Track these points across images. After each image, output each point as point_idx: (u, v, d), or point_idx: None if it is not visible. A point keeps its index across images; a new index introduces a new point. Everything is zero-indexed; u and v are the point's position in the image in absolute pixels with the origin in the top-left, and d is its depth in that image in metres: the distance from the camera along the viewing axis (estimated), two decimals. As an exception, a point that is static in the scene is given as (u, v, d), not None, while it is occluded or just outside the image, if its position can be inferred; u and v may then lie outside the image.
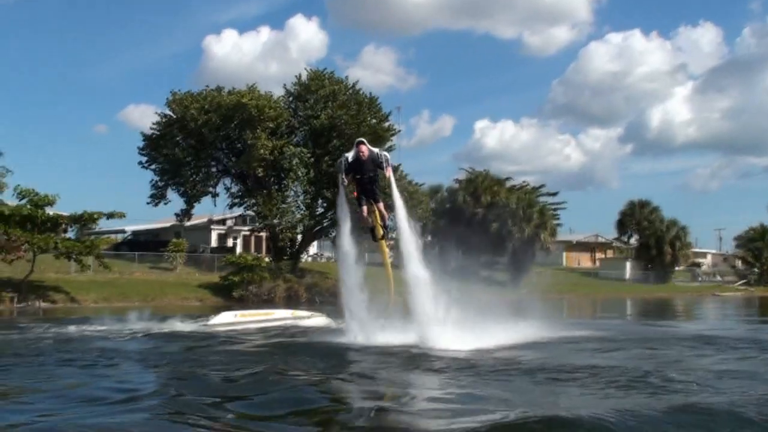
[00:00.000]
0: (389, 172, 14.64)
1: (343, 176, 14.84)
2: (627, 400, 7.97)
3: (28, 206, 35.10)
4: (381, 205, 14.91)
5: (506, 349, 13.22)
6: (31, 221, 34.98)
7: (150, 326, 18.79)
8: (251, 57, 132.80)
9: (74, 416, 6.98)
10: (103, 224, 45.36)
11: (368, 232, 15.56)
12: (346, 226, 14.83)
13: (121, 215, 37.66)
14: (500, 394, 8.54)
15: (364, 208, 14.67)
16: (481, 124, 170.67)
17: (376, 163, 14.50)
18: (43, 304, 35.58)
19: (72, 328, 17.92)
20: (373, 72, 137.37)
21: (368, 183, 14.59)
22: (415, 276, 14.35)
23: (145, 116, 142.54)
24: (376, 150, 14.80)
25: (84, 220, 37.34)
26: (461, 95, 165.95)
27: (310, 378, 9.59)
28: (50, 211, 36.49)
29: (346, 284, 14.55)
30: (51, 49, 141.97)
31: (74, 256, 36.77)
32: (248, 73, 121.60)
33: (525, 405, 7.53)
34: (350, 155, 14.63)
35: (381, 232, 15.02)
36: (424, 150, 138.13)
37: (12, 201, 36.91)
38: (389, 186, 15.44)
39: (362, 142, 14.61)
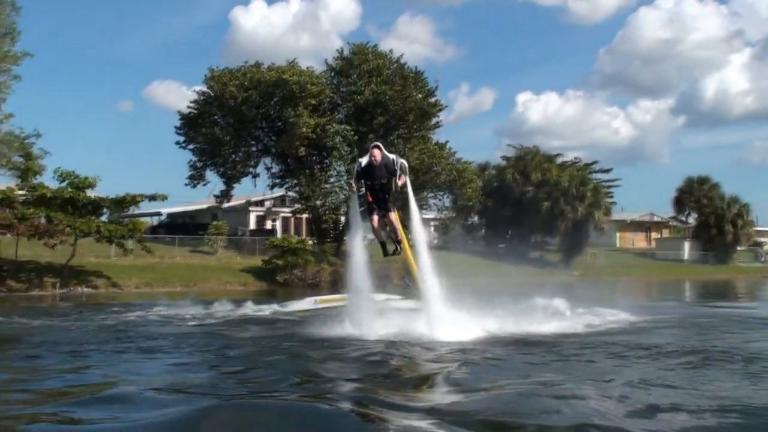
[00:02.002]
0: (402, 181, 13.97)
1: (353, 182, 14.49)
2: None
3: (69, 189, 35.68)
4: (392, 215, 14.28)
5: (604, 334, 13.44)
6: (73, 204, 35.55)
7: (211, 311, 19.19)
8: (281, 29, 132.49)
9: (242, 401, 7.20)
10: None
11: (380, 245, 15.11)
12: (357, 235, 14.41)
13: (163, 197, 38.16)
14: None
15: (375, 217, 14.16)
16: (523, 97, 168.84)
17: (390, 170, 13.94)
18: (85, 290, 36.18)
19: (131, 315, 18.30)
20: (409, 43, 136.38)
21: (380, 191, 14.03)
22: (429, 288, 14.30)
23: (170, 93, 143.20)
24: (392, 156, 14.29)
25: (126, 203, 37.79)
26: (502, 67, 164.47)
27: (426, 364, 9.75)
28: (91, 193, 37.05)
29: (354, 286, 14.17)
30: (71, 24, 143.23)
31: (116, 240, 37.32)
32: (277, 47, 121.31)
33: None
34: (364, 160, 14.19)
35: (392, 247, 14.57)
36: (463, 125, 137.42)
37: (51, 183, 37.49)
38: (406, 195, 14.92)
39: (376, 146, 14.21)
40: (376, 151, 13.88)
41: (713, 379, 9.00)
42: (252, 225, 65.56)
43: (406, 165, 14.45)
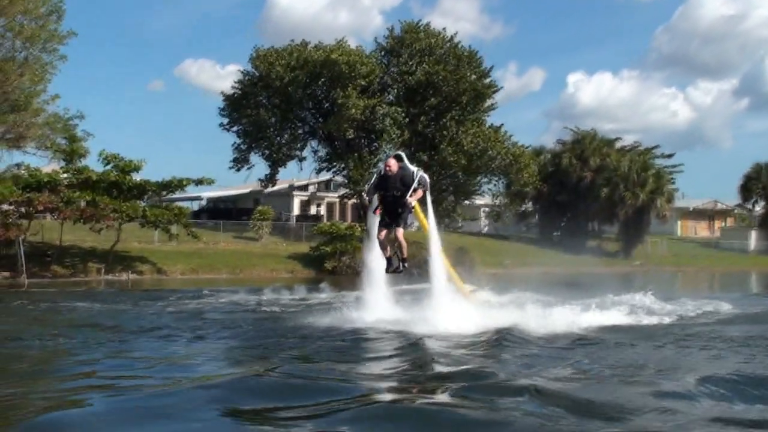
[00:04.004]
0: (414, 197, 13.32)
1: (365, 192, 14.44)
2: None
3: (115, 172, 36.19)
4: (400, 232, 13.60)
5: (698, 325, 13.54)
6: (118, 188, 36.08)
7: (275, 298, 19.56)
8: (318, 5, 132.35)
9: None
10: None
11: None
12: (374, 247, 14.20)
13: (210, 181, 38.46)
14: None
15: (383, 232, 13.68)
16: (574, 77, 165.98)
17: (406, 183, 13.29)
18: (131, 276, 36.69)
19: (191, 303, 18.66)
20: (454, 20, 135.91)
21: (391, 203, 13.47)
22: (438, 286, 14.06)
23: (203, 71, 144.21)
24: (413, 168, 13.68)
25: (172, 187, 38.21)
26: (553, 45, 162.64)
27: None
28: (136, 177, 37.50)
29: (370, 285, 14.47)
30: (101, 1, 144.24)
31: (161, 225, 37.79)
32: (315, 24, 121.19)
33: None
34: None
35: (395, 264, 14.01)
36: (510, 106, 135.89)
37: (94, 166, 37.92)
38: (425, 210, 14.72)
39: (395, 156, 13.90)
40: (391, 161, 13.49)
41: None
42: (296, 210, 66.06)
43: (427, 180, 13.90)
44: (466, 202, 56.08)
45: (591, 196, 62.20)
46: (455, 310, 13.47)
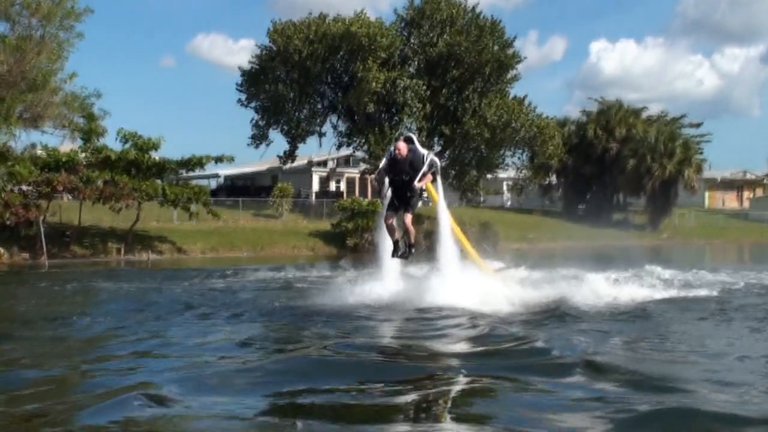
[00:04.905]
0: (421, 183, 13.25)
1: (375, 176, 14.27)
2: None
3: (134, 151, 36.28)
4: (408, 218, 13.49)
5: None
6: (137, 167, 36.20)
7: (304, 275, 19.75)
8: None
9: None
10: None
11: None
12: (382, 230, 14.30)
13: (230, 159, 38.51)
14: None
15: (392, 216, 13.62)
16: (597, 46, 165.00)
17: (415, 167, 13.17)
18: (151, 256, 36.95)
19: (218, 281, 18.86)
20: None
21: (400, 188, 13.41)
22: (447, 261, 14.25)
23: (216, 46, 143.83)
24: (424, 152, 13.48)
25: (192, 165, 38.24)
26: (575, 12, 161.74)
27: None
28: (155, 155, 37.59)
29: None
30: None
31: (181, 204, 37.89)
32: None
33: None
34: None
35: (402, 249, 13.81)
36: (530, 77, 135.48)
37: (112, 145, 38.02)
38: (435, 194, 14.83)
39: (405, 138, 13.67)
40: (401, 144, 13.25)
41: None
42: (315, 187, 66.15)
43: (438, 163, 13.93)
44: (490, 175, 55.98)
45: (617, 168, 61.98)
46: (472, 287, 13.53)
